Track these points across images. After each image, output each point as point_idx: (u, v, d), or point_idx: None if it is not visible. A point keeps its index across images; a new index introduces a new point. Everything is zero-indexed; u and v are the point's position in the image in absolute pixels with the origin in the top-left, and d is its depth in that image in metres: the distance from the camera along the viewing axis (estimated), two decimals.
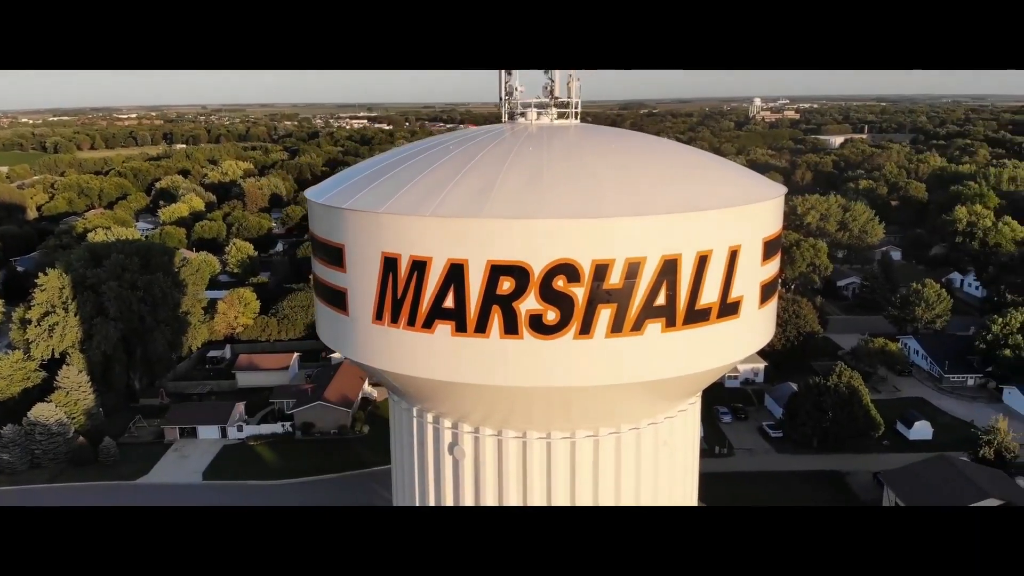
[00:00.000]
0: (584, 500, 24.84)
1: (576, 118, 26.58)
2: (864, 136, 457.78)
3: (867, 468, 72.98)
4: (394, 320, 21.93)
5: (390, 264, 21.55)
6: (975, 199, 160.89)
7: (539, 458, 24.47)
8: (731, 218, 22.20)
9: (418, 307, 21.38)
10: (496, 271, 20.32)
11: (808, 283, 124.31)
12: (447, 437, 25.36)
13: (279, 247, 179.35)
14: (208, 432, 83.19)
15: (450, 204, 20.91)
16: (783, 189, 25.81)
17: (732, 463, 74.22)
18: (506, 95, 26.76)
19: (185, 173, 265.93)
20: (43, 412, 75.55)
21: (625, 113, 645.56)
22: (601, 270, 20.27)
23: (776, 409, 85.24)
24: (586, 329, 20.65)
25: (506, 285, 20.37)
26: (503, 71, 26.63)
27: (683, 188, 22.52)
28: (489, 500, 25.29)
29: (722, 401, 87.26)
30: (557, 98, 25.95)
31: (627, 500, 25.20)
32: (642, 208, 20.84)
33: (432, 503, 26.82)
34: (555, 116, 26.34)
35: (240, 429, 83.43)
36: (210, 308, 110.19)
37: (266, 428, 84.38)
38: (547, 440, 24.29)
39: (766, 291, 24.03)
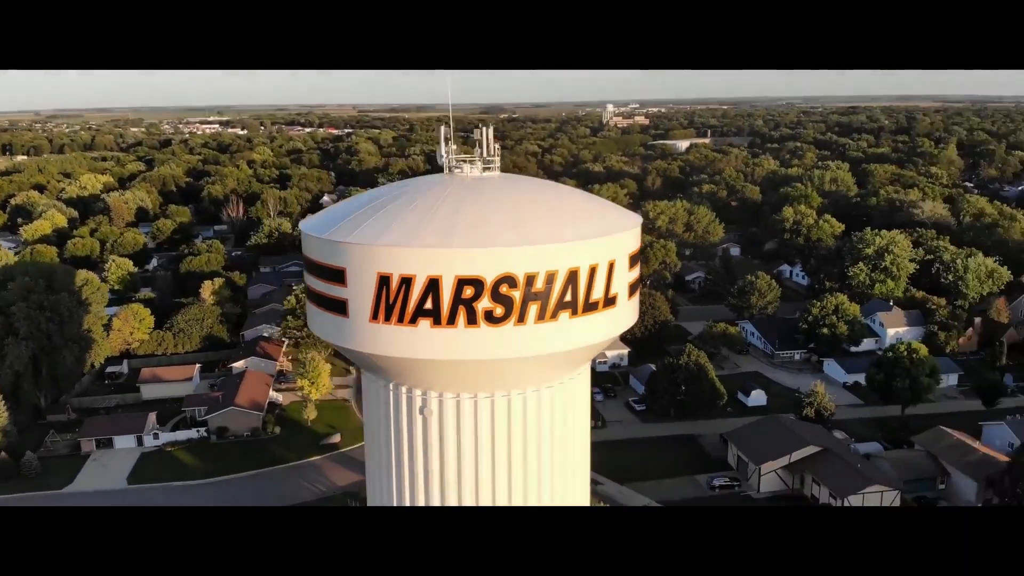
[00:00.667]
0: (517, 438, 35.51)
1: (498, 170, 37.21)
2: (707, 141, 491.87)
3: (715, 431, 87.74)
4: (387, 319, 31.74)
5: (384, 280, 31.35)
6: (800, 200, 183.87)
7: (485, 411, 34.92)
8: (609, 242, 33.47)
9: (405, 309, 31.31)
10: (461, 283, 30.60)
11: (661, 279, 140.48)
12: (417, 401, 35.35)
13: (154, 262, 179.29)
14: (124, 442, 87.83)
15: (428, 238, 31.03)
16: (639, 219, 37.45)
17: (606, 433, 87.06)
18: (444, 153, 36.96)
19: (40, 188, 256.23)
20: None
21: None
22: (530, 279, 30.97)
23: (639, 386, 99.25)
24: (521, 319, 31.27)
25: (468, 292, 30.67)
26: (444, 127, 36.81)
27: (580, 223, 33.64)
28: (449, 447, 35.47)
29: (595, 383, 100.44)
30: (486, 159, 36.45)
31: (545, 436, 36.08)
32: (555, 238, 31.74)
33: (406, 458, 36.62)
34: (482, 168, 36.81)
35: (156, 437, 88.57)
36: (105, 325, 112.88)
37: (181, 435, 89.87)
38: (491, 398, 34.77)
39: (632, 288, 35.50)
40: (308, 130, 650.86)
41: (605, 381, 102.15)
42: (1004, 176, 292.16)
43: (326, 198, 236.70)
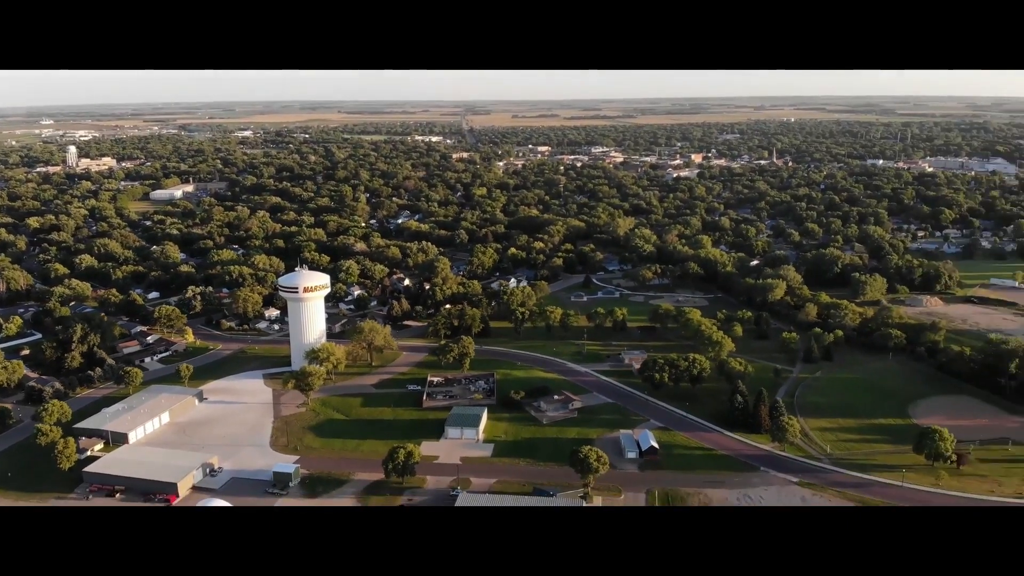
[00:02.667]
0: (316, 313, 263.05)
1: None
2: (191, 188, 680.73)
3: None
4: (302, 292, 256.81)
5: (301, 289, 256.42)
6: (305, 247, 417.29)
7: (318, 304, 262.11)
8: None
9: (306, 290, 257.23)
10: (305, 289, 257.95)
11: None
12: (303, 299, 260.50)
13: None
14: (149, 360, 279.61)
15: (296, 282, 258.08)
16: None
17: None
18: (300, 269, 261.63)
19: None
20: None
21: None
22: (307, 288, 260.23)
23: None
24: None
25: (306, 291, 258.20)
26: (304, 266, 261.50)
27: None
28: (305, 319, 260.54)
29: None
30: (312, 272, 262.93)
31: (318, 315, 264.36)
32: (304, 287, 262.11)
33: (301, 324, 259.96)
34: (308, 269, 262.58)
35: (156, 357, 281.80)
36: None
37: (160, 355, 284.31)
38: (319, 299, 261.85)
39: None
40: None
41: None
42: (389, 214, 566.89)
43: None
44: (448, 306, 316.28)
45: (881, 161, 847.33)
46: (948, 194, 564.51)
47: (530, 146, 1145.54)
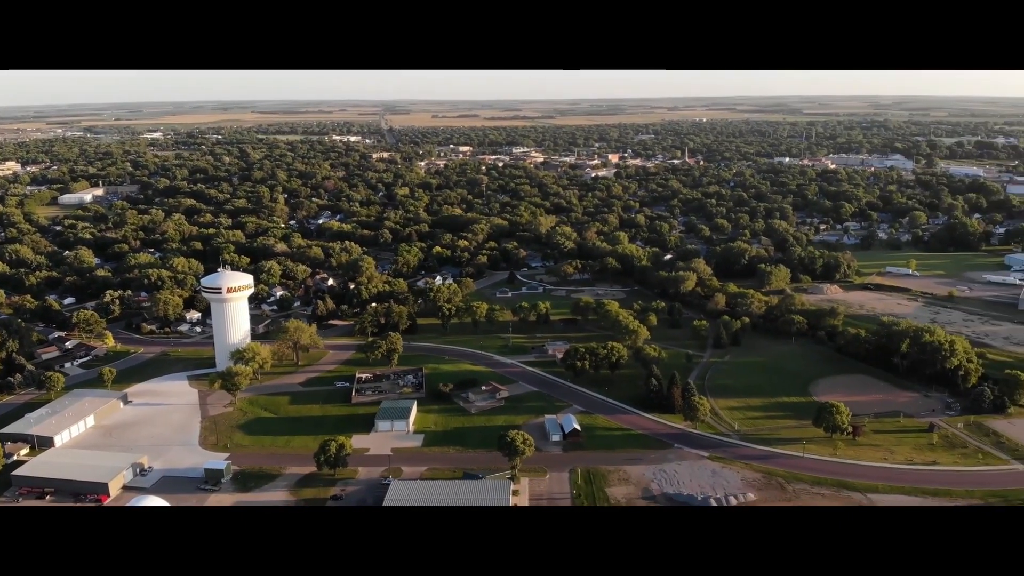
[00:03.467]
0: (241, 310, 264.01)
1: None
2: (101, 191, 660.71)
3: None
4: (225, 292, 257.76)
5: (223, 289, 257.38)
6: (226, 248, 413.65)
7: (243, 305, 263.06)
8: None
9: (228, 290, 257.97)
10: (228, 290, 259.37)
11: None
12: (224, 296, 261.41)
13: None
14: (70, 365, 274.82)
15: (223, 283, 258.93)
16: None
17: None
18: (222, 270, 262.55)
19: None
20: None
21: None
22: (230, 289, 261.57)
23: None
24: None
25: (231, 291, 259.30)
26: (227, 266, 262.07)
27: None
28: (229, 320, 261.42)
29: None
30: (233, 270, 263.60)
31: (243, 314, 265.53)
32: (230, 285, 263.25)
33: (223, 323, 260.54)
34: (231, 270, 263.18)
35: (77, 361, 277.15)
36: None
37: (80, 361, 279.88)
38: (243, 299, 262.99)
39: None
40: None
41: None
42: (309, 215, 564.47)
43: None
44: (374, 304, 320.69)
45: (787, 159, 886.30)
46: (849, 189, 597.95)
47: (451, 146, 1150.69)
